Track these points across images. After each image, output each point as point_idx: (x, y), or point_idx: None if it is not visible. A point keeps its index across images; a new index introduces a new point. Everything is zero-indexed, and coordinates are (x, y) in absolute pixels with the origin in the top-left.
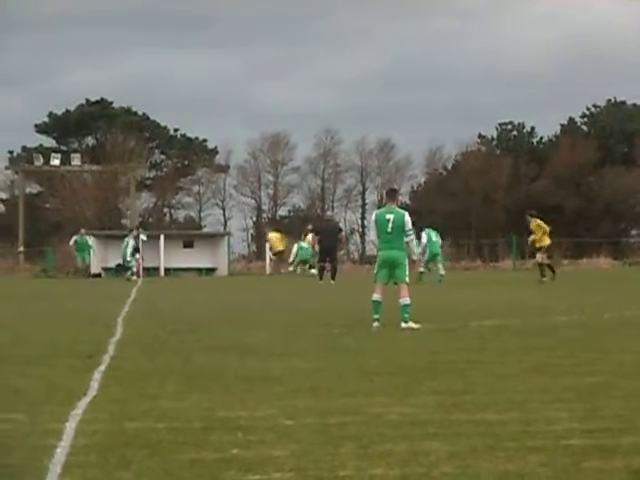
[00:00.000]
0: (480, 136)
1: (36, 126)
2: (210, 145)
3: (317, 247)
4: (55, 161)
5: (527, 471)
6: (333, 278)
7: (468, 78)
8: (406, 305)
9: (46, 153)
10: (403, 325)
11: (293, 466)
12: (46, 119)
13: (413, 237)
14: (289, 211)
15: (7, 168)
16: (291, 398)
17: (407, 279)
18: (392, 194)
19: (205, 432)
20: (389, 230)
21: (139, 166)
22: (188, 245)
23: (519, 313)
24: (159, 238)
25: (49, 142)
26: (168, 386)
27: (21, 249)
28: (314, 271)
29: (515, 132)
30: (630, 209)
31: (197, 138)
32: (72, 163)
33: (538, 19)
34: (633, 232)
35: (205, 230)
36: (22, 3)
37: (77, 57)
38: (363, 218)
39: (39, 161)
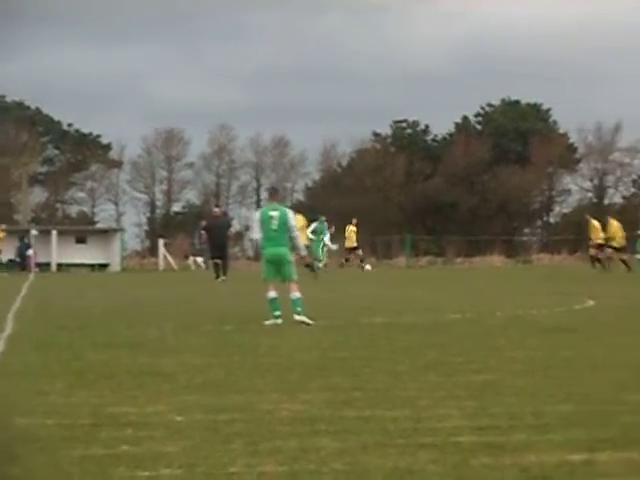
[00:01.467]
0: (375, 134)
1: None
2: (104, 140)
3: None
4: None
5: (417, 467)
6: (225, 274)
7: (363, 75)
8: (298, 299)
9: None
10: (296, 317)
11: (183, 462)
12: None
13: (298, 233)
14: (183, 207)
15: None
16: (182, 394)
17: (295, 276)
18: (273, 192)
19: (95, 428)
20: (274, 227)
21: (31, 161)
22: (80, 241)
23: (412, 310)
24: (51, 233)
25: None
26: (58, 382)
27: None
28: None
29: (410, 130)
30: (523, 208)
31: (91, 133)
32: None
33: (434, 18)
34: (526, 230)
35: (98, 226)
36: None
37: None
38: None
39: None
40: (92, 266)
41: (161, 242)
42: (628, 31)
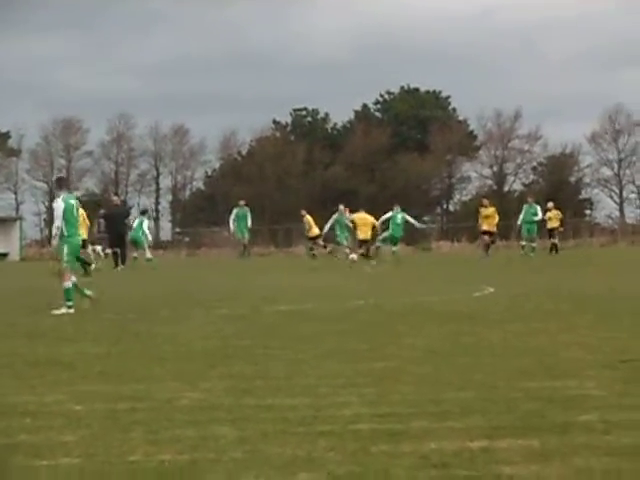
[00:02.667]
0: (275, 122)
1: None
2: (2, 129)
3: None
4: None
5: (316, 455)
6: (123, 263)
7: (262, 63)
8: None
9: None
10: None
11: (82, 452)
12: None
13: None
14: (82, 195)
15: None
16: (81, 383)
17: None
18: (62, 181)
19: None
20: (76, 215)
21: None
22: None
23: (313, 298)
24: None
25: None
26: None
27: None
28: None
29: (310, 118)
30: (423, 195)
31: None
32: None
33: (334, 6)
34: (426, 218)
35: None
36: None
37: None
38: (157, 203)
39: None
40: None
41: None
42: (529, 19)
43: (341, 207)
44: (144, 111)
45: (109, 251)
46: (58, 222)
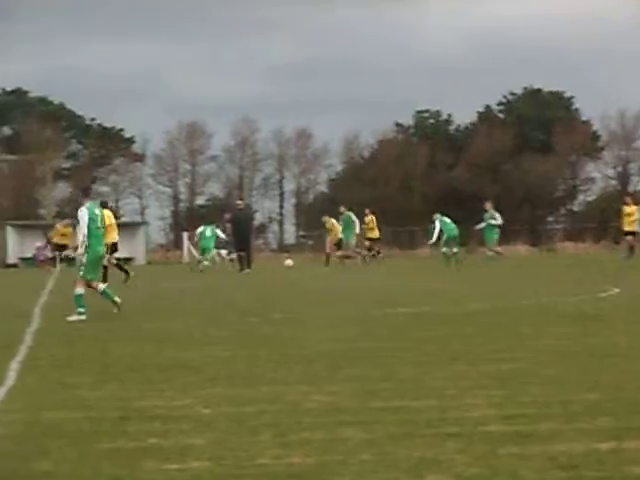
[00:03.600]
0: (397, 124)
1: None
2: (127, 134)
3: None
4: None
5: (444, 457)
6: (249, 266)
7: (386, 66)
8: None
9: None
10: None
11: (211, 455)
12: None
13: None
14: (207, 200)
15: None
16: (208, 387)
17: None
18: (88, 191)
19: (122, 422)
20: (99, 225)
21: (56, 156)
22: None
23: (437, 300)
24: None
25: None
26: (85, 376)
27: None
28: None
29: (432, 120)
30: (547, 196)
31: (114, 127)
32: None
33: (455, 7)
34: (550, 219)
35: (122, 220)
36: None
37: None
38: (281, 207)
39: None
40: (117, 260)
41: (185, 235)
42: None
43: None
44: (268, 115)
45: (234, 255)
46: (84, 231)
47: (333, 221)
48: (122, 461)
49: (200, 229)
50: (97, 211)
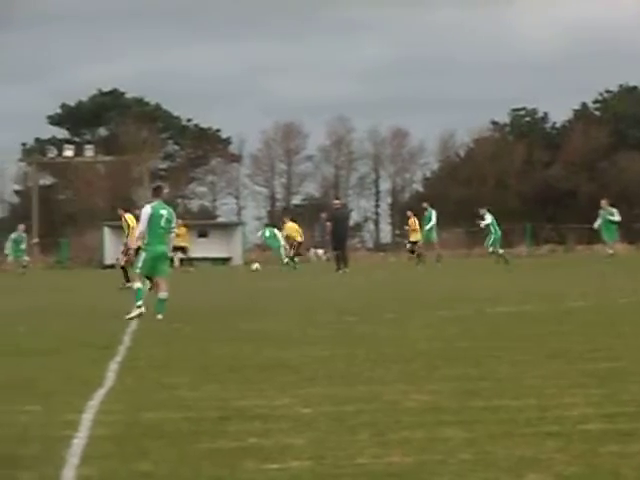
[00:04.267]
0: (493, 122)
1: (49, 118)
2: (223, 135)
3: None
4: (68, 152)
5: (544, 457)
6: (346, 265)
7: (480, 64)
8: (164, 300)
9: (59, 145)
10: (160, 317)
11: (311, 454)
12: (59, 110)
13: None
14: (303, 200)
15: (21, 160)
16: (307, 386)
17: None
18: (159, 191)
19: (222, 421)
20: (163, 225)
21: (152, 156)
22: (202, 235)
23: (534, 299)
24: None
25: (62, 133)
26: (184, 376)
27: (35, 240)
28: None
29: (528, 118)
30: None
31: (210, 128)
32: (85, 154)
33: (551, 4)
34: None
35: (219, 220)
36: None
37: (90, 49)
38: (377, 206)
39: (52, 153)
40: (214, 260)
41: (281, 235)
42: None
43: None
44: (363, 114)
45: (329, 254)
46: (142, 227)
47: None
48: (222, 461)
49: (260, 232)
50: (163, 211)
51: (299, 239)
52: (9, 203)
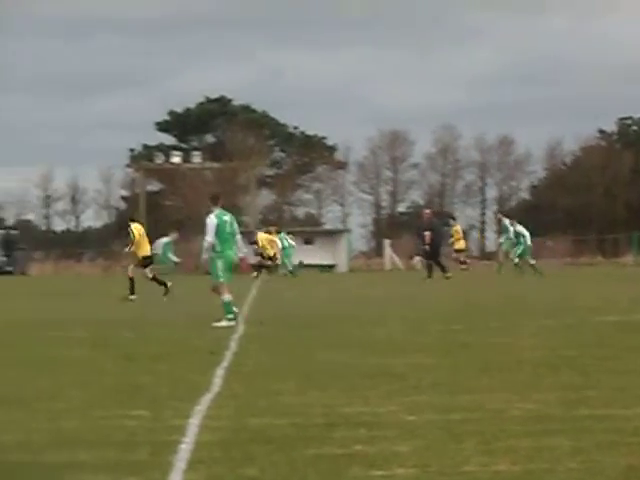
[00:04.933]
0: (600, 131)
1: (157, 124)
2: (329, 142)
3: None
4: (176, 159)
5: None
6: (445, 272)
7: (587, 73)
8: (227, 303)
9: (166, 151)
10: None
11: (416, 462)
12: (167, 117)
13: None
14: (408, 207)
15: (128, 166)
16: (412, 394)
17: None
18: (217, 199)
19: (328, 428)
20: (229, 230)
21: (259, 163)
22: (308, 242)
23: None
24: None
25: (170, 140)
26: (290, 382)
27: None
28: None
29: (635, 127)
30: None
31: (316, 135)
32: (192, 161)
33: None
34: None
35: (325, 227)
36: (143, 5)
37: (198, 56)
38: (483, 214)
39: (160, 159)
40: (319, 267)
41: (387, 242)
42: None
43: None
44: (469, 122)
45: (420, 262)
46: (209, 237)
47: (457, 228)
48: (328, 467)
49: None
50: (226, 217)
51: (270, 251)
52: (116, 209)
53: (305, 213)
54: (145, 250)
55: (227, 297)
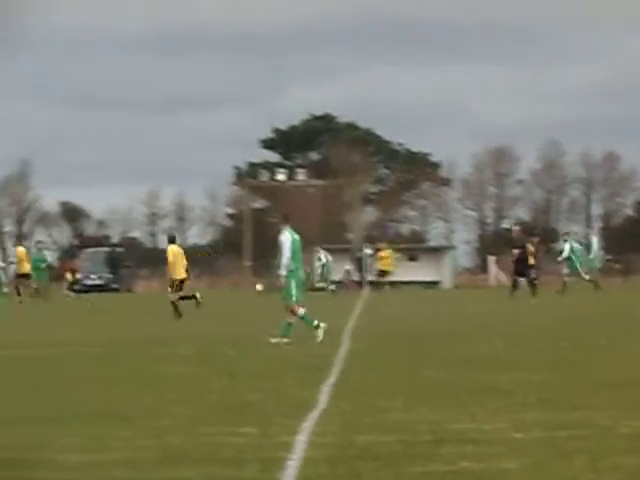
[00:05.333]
0: None
1: (262, 142)
2: (433, 159)
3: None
4: (281, 176)
5: None
6: (533, 294)
7: None
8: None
9: (271, 168)
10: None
11: (524, 479)
12: (271, 134)
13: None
14: (514, 224)
15: (234, 184)
16: (520, 411)
17: None
18: (288, 217)
19: (435, 445)
20: (299, 249)
21: (364, 180)
22: (412, 259)
23: None
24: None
25: (274, 157)
26: (396, 399)
27: (248, 263)
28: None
29: None
30: None
31: (420, 152)
32: (297, 178)
33: None
34: None
35: (429, 244)
36: (250, 21)
37: (302, 73)
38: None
39: (265, 176)
40: (424, 283)
41: (491, 259)
42: None
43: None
44: (574, 138)
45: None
46: (288, 253)
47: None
48: None
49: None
50: (296, 236)
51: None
52: (222, 226)
53: (409, 229)
54: (179, 273)
55: (292, 319)
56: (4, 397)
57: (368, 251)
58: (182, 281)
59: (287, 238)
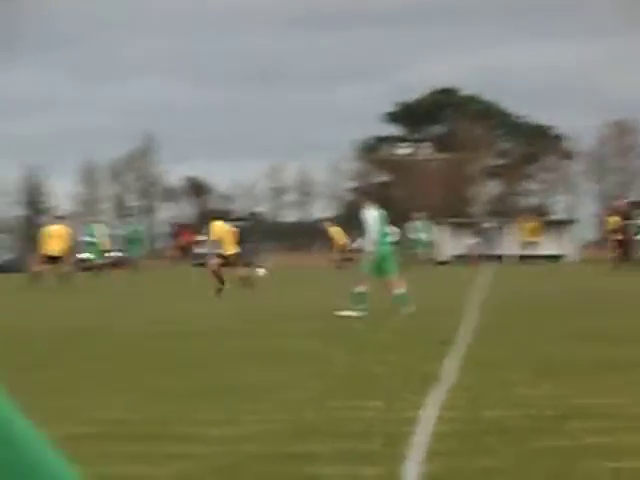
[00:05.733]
0: None
1: (386, 115)
2: (557, 131)
3: None
4: (404, 150)
5: None
6: None
7: None
8: (403, 294)
9: (395, 142)
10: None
11: None
12: (395, 108)
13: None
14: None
15: (357, 157)
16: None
17: None
18: (371, 195)
19: (559, 420)
20: (383, 224)
21: (486, 154)
22: None
23: None
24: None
25: (398, 131)
26: (522, 373)
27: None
28: None
29: None
30: None
31: (544, 125)
32: (421, 152)
33: None
34: None
35: (552, 217)
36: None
37: (426, 47)
38: None
39: (388, 150)
40: (546, 257)
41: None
42: None
43: None
44: None
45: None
46: (375, 229)
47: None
48: (561, 459)
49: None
50: (380, 212)
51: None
52: (344, 200)
53: (533, 203)
54: (229, 248)
55: (363, 288)
56: (153, 370)
57: (492, 225)
58: (237, 254)
59: (373, 213)
